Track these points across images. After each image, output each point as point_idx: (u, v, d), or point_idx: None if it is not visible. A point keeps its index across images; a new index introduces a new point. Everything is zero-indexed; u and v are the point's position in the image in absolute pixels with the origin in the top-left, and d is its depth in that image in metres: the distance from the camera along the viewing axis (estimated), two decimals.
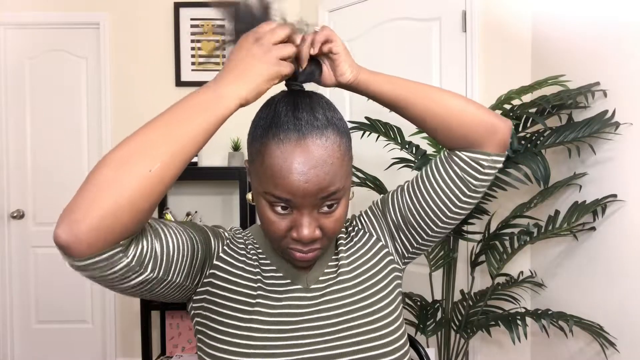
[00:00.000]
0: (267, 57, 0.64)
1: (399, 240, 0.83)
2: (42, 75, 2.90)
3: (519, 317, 1.67)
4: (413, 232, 0.81)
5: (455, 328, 1.91)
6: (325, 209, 0.70)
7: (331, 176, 0.67)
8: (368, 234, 0.84)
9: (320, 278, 0.79)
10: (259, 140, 0.69)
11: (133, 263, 0.59)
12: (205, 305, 0.77)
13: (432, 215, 0.79)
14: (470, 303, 1.91)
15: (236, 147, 2.72)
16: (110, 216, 0.54)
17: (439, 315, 1.94)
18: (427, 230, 0.80)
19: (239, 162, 2.69)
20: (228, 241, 0.81)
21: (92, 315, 2.93)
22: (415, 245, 0.83)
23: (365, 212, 0.87)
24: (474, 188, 0.77)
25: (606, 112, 1.64)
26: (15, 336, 2.94)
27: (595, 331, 1.62)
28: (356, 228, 0.86)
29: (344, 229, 0.86)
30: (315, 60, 0.73)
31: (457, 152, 0.77)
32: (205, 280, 0.77)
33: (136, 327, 2.89)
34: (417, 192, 0.79)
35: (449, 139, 0.76)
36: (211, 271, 0.77)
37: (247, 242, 0.82)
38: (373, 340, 0.75)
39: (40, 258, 2.92)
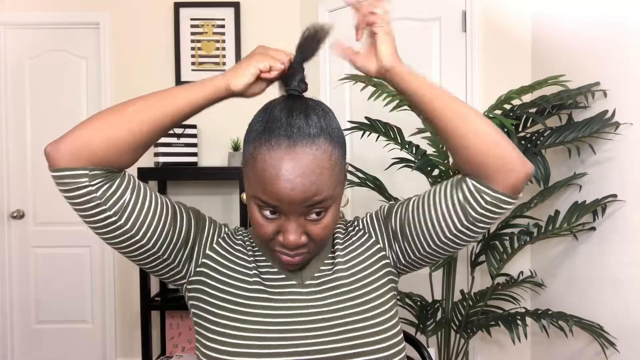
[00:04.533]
0: (258, 56, 0.74)
1: (394, 249, 0.82)
2: (42, 75, 2.90)
3: (519, 317, 1.67)
4: (407, 245, 0.80)
5: (455, 328, 1.91)
6: (313, 216, 0.70)
7: (318, 185, 0.68)
8: (367, 234, 0.84)
9: (316, 274, 0.79)
10: (252, 144, 0.70)
11: (97, 194, 0.67)
12: (200, 296, 0.78)
13: (426, 234, 0.77)
14: (470, 303, 1.91)
15: (236, 147, 2.72)
16: (85, 136, 0.66)
17: (439, 315, 1.94)
18: (420, 247, 0.79)
19: (239, 162, 2.69)
20: (226, 235, 0.83)
21: (92, 315, 2.93)
22: (408, 259, 0.82)
23: (370, 215, 0.86)
24: (472, 220, 0.74)
25: (606, 112, 1.64)
26: (15, 336, 2.94)
27: (595, 331, 1.62)
28: (357, 228, 0.86)
29: (343, 228, 0.86)
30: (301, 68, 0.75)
31: (467, 179, 0.75)
32: (197, 270, 0.79)
33: (136, 327, 2.89)
34: (420, 207, 0.78)
35: (463, 160, 0.74)
36: (203, 260, 0.79)
37: (245, 239, 0.84)
38: (367, 336, 0.75)
39: (40, 258, 2.92)
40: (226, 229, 0.84)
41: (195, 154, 2.66)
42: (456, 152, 0.74)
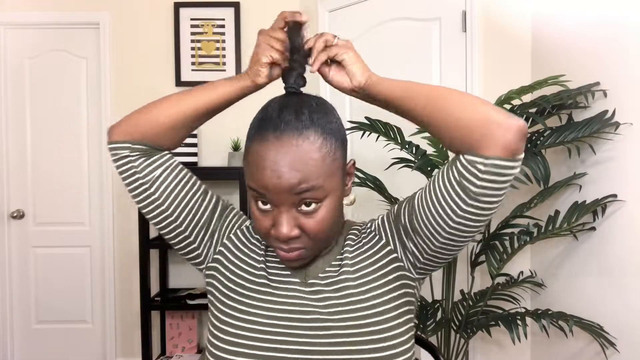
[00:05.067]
0: (259, 48, 0.78)
1: (409, 249, 0.78)
2: (42, 75, 2.90)
3: (519, 317, 1.67)
4: (421, 241, 0.76)
5: (455, 328, 1.91)
6: (305, 208, 0.71)
7: (304, 174, 0.69)
8: (378, 236, 0.82)
9: (320, 274, 0.79)
10: (249, 140, 0.74)
11: (136, 164, 0.78)
12: (214, 283, 0.83)
13: (435, 225, 0.73)
14: (470, 303, 1.91)
15: (236, 148, 2.72)
16: (135, 117, 0.79)
17: (439, 315, 1.94)
18: (433, 240, 0.74)
19: (239, 162, 2.69)
20: (245, 229, 0.86)
21: (92, 315, 2.93)
22: (425, 256, 0.77)
23: (382, 217, 0.84)
24: (474, 196, 0.68)
25: (606, 112, 1.64)
26: (15, 336, 2.94)
27: (595, 331, 1.62)
28: (369, 230, 0.84)
29: (358, 231, 0.85)
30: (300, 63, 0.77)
31: (459, 156, 0.70)
32: (215, 257, 0.84)
33: (136, 327, 2.89)
34: (424, 198, 0.74)
35: (448, 140, 0.71)
36: (220, 249, 0.84)
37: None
38: (362, 343, 0.73)
39: (40, 258, 2.92)
40: (247, 223, 0.88)
41: (195, 154, 2.66)
42: (441, 134, 0.72)
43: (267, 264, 0.82)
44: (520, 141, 0.66)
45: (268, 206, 0.72)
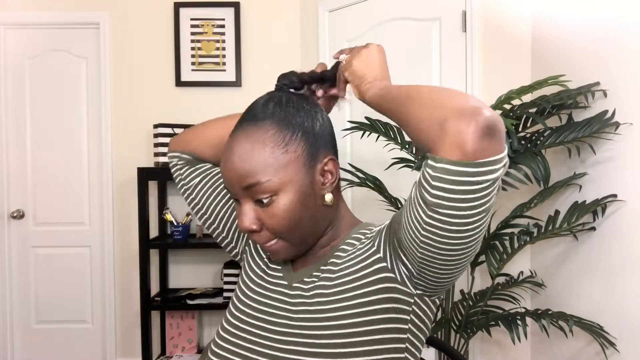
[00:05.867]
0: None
1: (402, 260, 0.69)
2: (42, 75, 2.90)
3: (519, 317, 1.67)
4: (407, 252, 0.67)
5: (455, 328, 1.91)
6: (261, 202, 0.71)
7: (250, 167, 0.69)
8: (371, 243, 0.75)
9: (306, 279, 0.77)
10: None
11: (181, 170, 0.93)
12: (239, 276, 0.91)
13: (410, 236, 0.63)
14: (470, 303, 1.91)
15: None
16: (189, 133, 0.94)
17: (439, 315, 1.93)
18: (413, 253, 0.65)
19: None
20: None
21: (92, 315, 2.93)
22: (417, 269, 0.67)
23: (385, 224, 0.77)
24: (431, 206, 0.57)
25: (606, 112, 1.64)
26: (15, 336, 2.94)
27: (595, 331, 1.62)
28: (370, 236, 0.77)
29: (362, 235, 0.78)
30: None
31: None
32: (242, 255, 0.92)
33: (136, 327, 2.89)
34: (405, 207, 0.66)
35: (413, 140, 0.63)
36: (246, 247, 0.91)
37: None
38: (323, 355, 0.67)
39: (40, 258, 2.92)
40: None
41: None
42: (408, 134, 0.64)
43: (269, 264, 0.84)
44: (483, 139, 0.52)
45: (236, 200, 0.75)
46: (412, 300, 0.70)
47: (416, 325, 0.71)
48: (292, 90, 0.78)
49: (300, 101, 0.75)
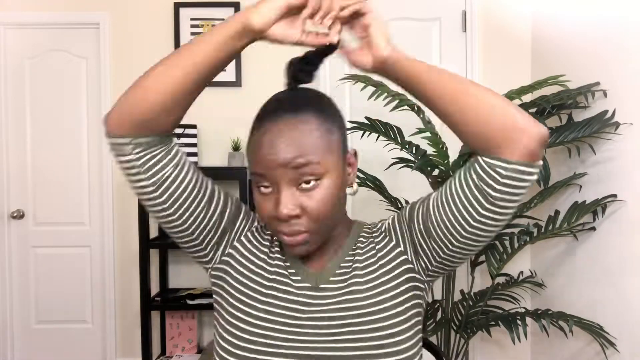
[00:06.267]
0: None
1: (421, 252, 0.76)
2: (42, 75, 2.90)
3: (519, 317, 1.67)
4: (435, 245, 0.74)
5: (455, 328, 1.91)
6: (304, 185, 0.70)
7: (299, 146, 0.69)
8: (388, 237, 0.80)
9: (331, 278, 0.78)
10: (250, 136, 0.74)
11: (139, 163, 0.70)
12: (223, 284, 0.80)
13: (451, 229, 0.71)
14: (470, 303, 1.91)
15: (236, 147, 2.72)
16: (126, 102, 0.69)
17: (439, 315, 1.94)
18: (448, 244, 0.72)
19: (239, 162, 2.69)
20: (255, 229, 0.84)
21: (92, 315, 2.93)
22: (438, 259, 0.75)
23: (393, 218, 0.83)
24: (492, 200, 0.67)
25: (606, 112, 1.64)
26: (15, 336, 2.94)
27: (595, 331, 1.62)
28: (379, 231, 0.82)
29: (369, 231, 0.83)
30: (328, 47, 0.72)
31: (478, 158, 0.68)
32: (223, 258, 0.81)
33: (136, 327, 2.89)
34: (439, 201, 0.72)
35: (468, 138, 0.69)
36: (230, 251, 0.81)
37: (273, 237, 0.84)
38: (373, 348, 0.73)
39: (40, 258, 2.92)
40: (257, 223, 0.85)
41: (195, 154, 2.66)
42: (461, 131, 0.69)
43: (279, 269, 0.80)
44: (541, 148, 0.66)
45: (269, 189, 0.71)
46: (424, 287, 0.80)
47: (424, 308, 0.82)
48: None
49: (325, 97, 0.77)
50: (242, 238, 0.82)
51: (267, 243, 0.83)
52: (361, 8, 0.71)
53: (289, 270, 0.79)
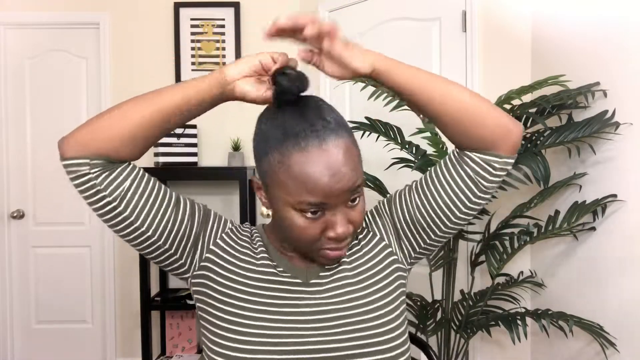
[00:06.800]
0: (261, 55, 0.73)
1: (405, 241, 0.83)
2: (42, 75, 2.90)
3: (519, 317, 1.67)
4: (421, 232, 0.81)
5: (455, 328, 1.91)
6: (351, 202, 0.72)
7: (357, 171, 0.71)
8: (372, 233, 0.84)
9: (321, 274, 0.79)
10: (276, 152, 0.69)
11: (97, 181, 0.71)
12: (205, 290, 0.79)
13: (441, 215, 0.78)
14: (470, 303, 1.91)
15: (236, 147, 2.72)
16: (89, 131, 0.70)
17: (439, 315, 1.94)
18: (436, 230, 0.80)
19: (239, 162, 2.69)
20: (229, 231, 0.83)
21: (92, 315, 2.93)
22: (423, 245, 0.83)
23: (371, 212, 0.87)
24: (484, 189, 0.77)
25: (606, 112, 1.64)
26: (15, 336, 2.94)
27: (595, 331, 1.62)
28: (365, 226, 0.86)
29: None
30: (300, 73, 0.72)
31: (469, 153, 0.76)
32: (201, 264, 0.80)
33: (136, 327, 2.89)
34: (427, 191, 0.79)
35: (464, 139, 0.75)
36: (207, 255, 0.80)
37: (253, 235, 0.84)
38: (368, 337, 0.75)
39: (40, 258, 2.92)
40: (230, 224, 0.84)
41: (195, 154, 2.66)
42: (454, 133, 0.75)
43: (265, 268, 0.79)
44: (520, 141, 0.77)
45: (319, 213, 0.70)
46: (406, 274, 0.86)
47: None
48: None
49: (321, 100, 0.76)
50: (219, 241, 0.81)
51: (247, 244, 0.82)
52: (331, 47, 0.70)
53: (278, 269, 0.79)
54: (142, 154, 0.75)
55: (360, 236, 0.84)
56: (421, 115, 0.82)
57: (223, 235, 0.82)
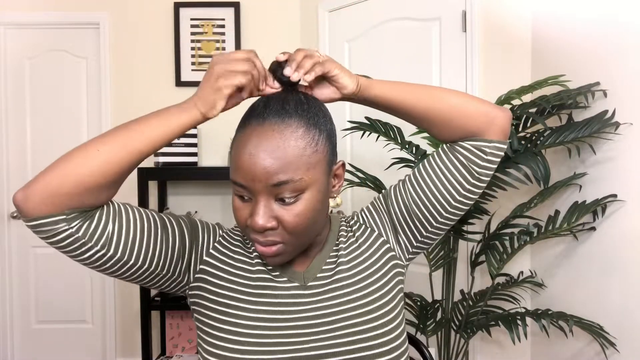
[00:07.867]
0: (222, 79, 0.68)
1: (402, 234, 0.82)
2: (42, 75, 2.90)
3: (519, 317, 1.67)
4: (417, 223, 0.81)
5: (455, 328, 1.91)
6: (283, 200, 0.68)
7: (281, 163, 0.66)
8: (369, 229, 0.84)
9: (318, 275, 0.79)
10: (235, 135, 0.72)
11: (79, 234, 0.65)
12: (200, 301, 0.78)
13: (436, 204, 0.78)
14: (470, 303, 1.91)
15: None
16: (54, 182, 0.62)
17: (439, 315, 1.94)
18: (432, 220, 0.80)
19: None
20: (221, 238, 0.82)
21: (92, 315, 2.93)
22: (420, 238, 0.82)
23: (367, 208, 0.86)
24: (477, 175, 0.77)
25: (606, 112, 1.64)
26: (15, 336, 2.94)
27: (595, 331, 1.62)
28: (358, 223, 0.85)
29: (346, 225, 0.85)
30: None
31: (459, 142, 0.78)
32: (197, 276, 0.78)
33: (136, 327, 2.89)
34: (421, 182, 0.79)
35: (450, 133, 0.78)
36: (201, 267, 0.78)
37: (245, 238, 0.82)
38: (369, 339, 0.75)
39: (40, 258, 2.92)
40: (221, 231, 0.83)
41: (195, 154, 2.66)
42: (441, 128, 0.78)
43: (261, 275, 0.78)
44: (509, 126, 0.78)
45: (248, 197, 0.70)
46: (404, 270, 0.85)
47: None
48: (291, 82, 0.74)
49: (316, 102, 0.74)
50: (212, 251, 0.80)
51: (240, 250, 0.81)
52: (324, 71, 0.73)
53: (273, 274, 0.78)
54: (115, 193, 0.69)
55: (358, 233, 0.83)
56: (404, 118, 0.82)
57: (215, 244, 0.80)
